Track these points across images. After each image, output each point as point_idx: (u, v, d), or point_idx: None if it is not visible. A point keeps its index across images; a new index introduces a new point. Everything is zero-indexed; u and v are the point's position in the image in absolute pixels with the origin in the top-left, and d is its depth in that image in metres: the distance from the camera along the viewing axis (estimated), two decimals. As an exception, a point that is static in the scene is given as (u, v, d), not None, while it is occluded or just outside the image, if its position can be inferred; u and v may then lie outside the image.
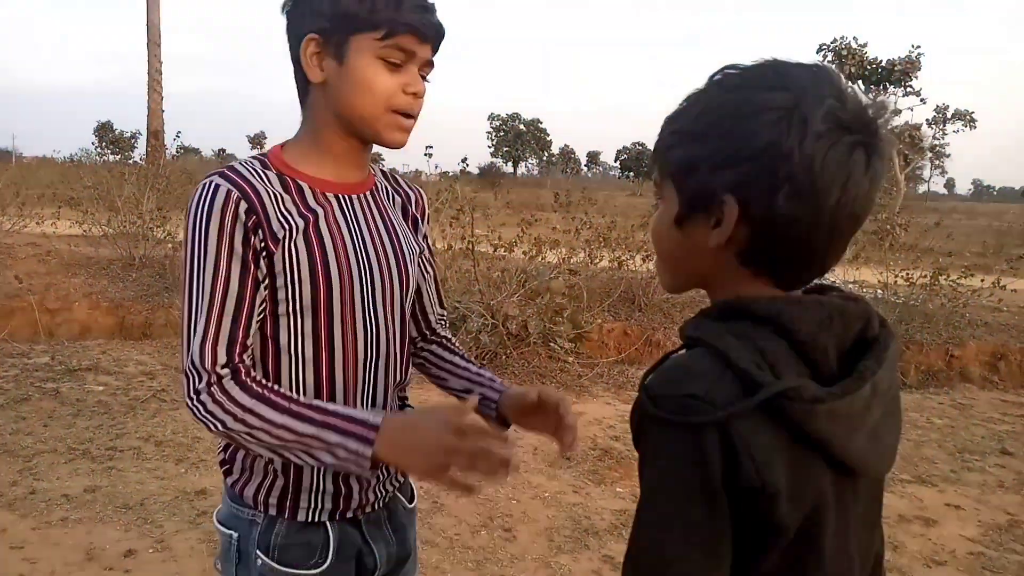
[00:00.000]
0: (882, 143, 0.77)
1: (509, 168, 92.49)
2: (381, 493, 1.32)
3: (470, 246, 6.69)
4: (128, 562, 3.03)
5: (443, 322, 1.51)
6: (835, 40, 32.79)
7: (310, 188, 1.20)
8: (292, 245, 1.15)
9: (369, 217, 1.27)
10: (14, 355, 5.79)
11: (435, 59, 1.21)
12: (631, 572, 0.78)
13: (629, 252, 7.98)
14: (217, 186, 1.11)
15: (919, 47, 30.61)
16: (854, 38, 32.54)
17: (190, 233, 1.11)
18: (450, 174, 8.44)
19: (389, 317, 1.28)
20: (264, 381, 1.13)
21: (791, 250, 0.79)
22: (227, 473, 1.28)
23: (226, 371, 1.10)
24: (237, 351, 1.11)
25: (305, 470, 1.22)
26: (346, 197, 1.25)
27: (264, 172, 1.18)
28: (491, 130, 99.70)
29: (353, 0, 1.12)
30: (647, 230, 9.05)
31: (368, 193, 1.29)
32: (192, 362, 1.09)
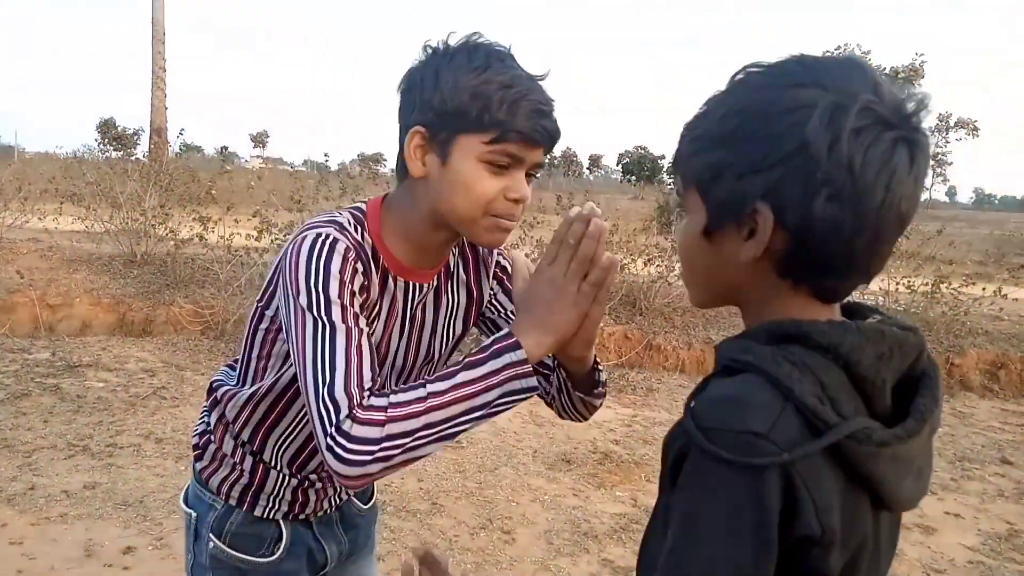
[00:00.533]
0: (924, 138, 0.72)
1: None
2: (335, 502, 1.39)
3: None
4: (127, 559, 3.03)
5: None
6: (839, 47, 32.86)
7: (392, 273, 1.18)
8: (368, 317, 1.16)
9: (426, 308, 1.25)
10: (15, 350, 5.79)
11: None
12: None
13: (631, 256, 7.98)
14: (336, 240, 1.07)
15: (922, 54, 30.68)
16: (857, 45, 32.62)
17: (309, 285, 1.03)
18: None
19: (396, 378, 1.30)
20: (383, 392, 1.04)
21: (833, 258, 0.73)
22: (197, 458, 1.35)
23: (361, 397, 1.00)
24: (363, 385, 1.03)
25: (270, 477, 1.29)
26: (415, 285, 1.21)
27: (363, 235, 1.14)
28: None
29: (466, 99, 1.04)
30: (649, 234, 9.07)
31: (436, 278, 1.25)
32: (327, 407, 0.98)
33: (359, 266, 1.08)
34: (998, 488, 4.61)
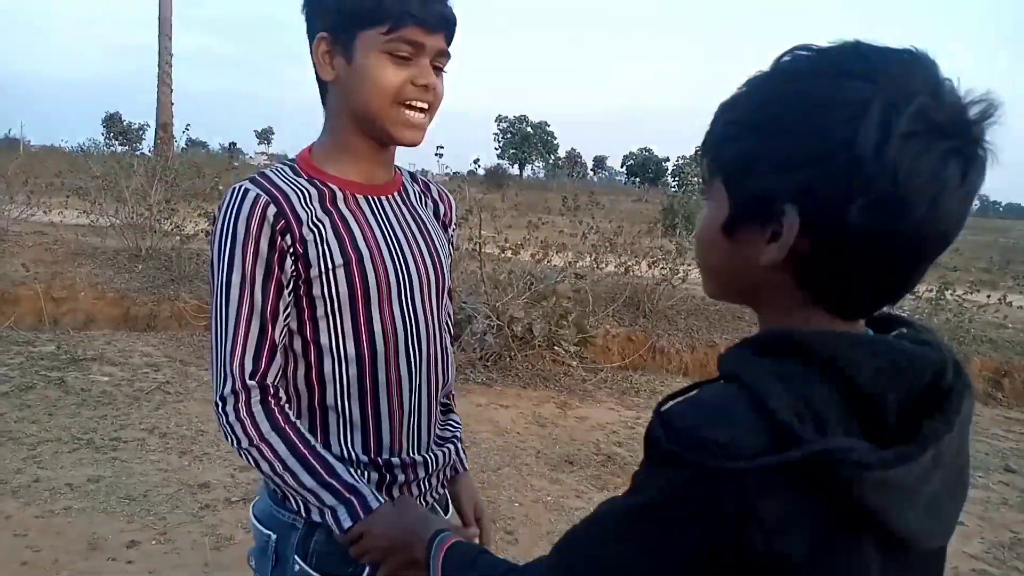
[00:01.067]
0: (982, 152, 0.65)
1: (515, 170, 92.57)
2: (422, 504, 1.31)
3: (477, 247, 6.69)
4: (131, 553, 3.03)
5: (450, 317, 1.49)
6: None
7: (340, 191, 1.21)
8: (325, 240, 1.16)
9: (400, 217, 1.27)
10: (20, 343, 5.80)
11: (451, 50, 1.20)
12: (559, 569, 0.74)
13: (635, 258, 7.97)
14: (246, 191, 1.12)
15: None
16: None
17: (218, 238, 1.12)
18: (458, 175, 8.43)
19: (428, 313, 1.27)
20: (287, 409, 1.15)
21: (861, 275, 0.67)
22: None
23: (255, 387, 1.12)
24: (264, 360, 1.13)
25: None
26: (375, 199, 1.25)
27: (295, 178, 1.19)
28: (498, 132, 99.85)
29: None
30: (653, 236, 9.06)
31: (396, 194, 1.29)
32: (221, 368, 1.12)
33: (271, 209, 1.11)
34: (1002, 496, 4.60)
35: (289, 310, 1.17)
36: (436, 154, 7.72)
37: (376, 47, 1.12)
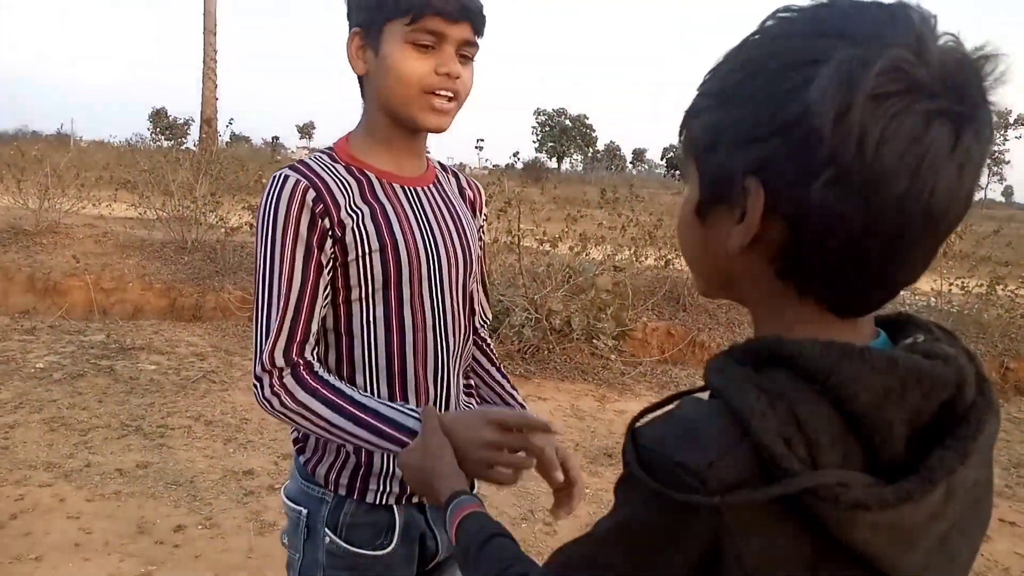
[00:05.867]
0: (980, 113, 0.55)
1: (553, 164, 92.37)
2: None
3: (516, 240, 6.69)
4: (177, 537, 3.11)
5: (485, 323, 1.52)
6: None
7: (377, 179, 1.25)
8: (362, 227, 1.19)
9: (435, 206, 1.30)
10: (71, 332, 5.97)
11: (480, 41, 1.22)
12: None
13: (675, 251, 7.90)
14: (286, 177, 1.17)
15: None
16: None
17: (260, 223, 1.17)
18: (497, 168, 8.43)
19: (456, 302, 1.30)
20: (320, 373, 1.18)
21: (838, 261, 0.58)
22: (300, 451, 1.31)
23: (288, 364, 1.16)
24: (299, 339, 1.16)
25: (376, 454, 1.24)
26: (411, 189, 1.28)
27: (333, 165, 1.22)
28: (536, 125, 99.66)
29: None
30: (694, 229, 8.94)
31: (431, 185, 1.33)
32: (258, 347, 1.16)
33: (311, 193, 1.15)
34: (1055, 497, 4.47)
35: (328, 291, 1.20)
36: (476, 147, 7.76)
37: (400, 38, 1.15)
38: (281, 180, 1.16)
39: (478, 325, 1.50)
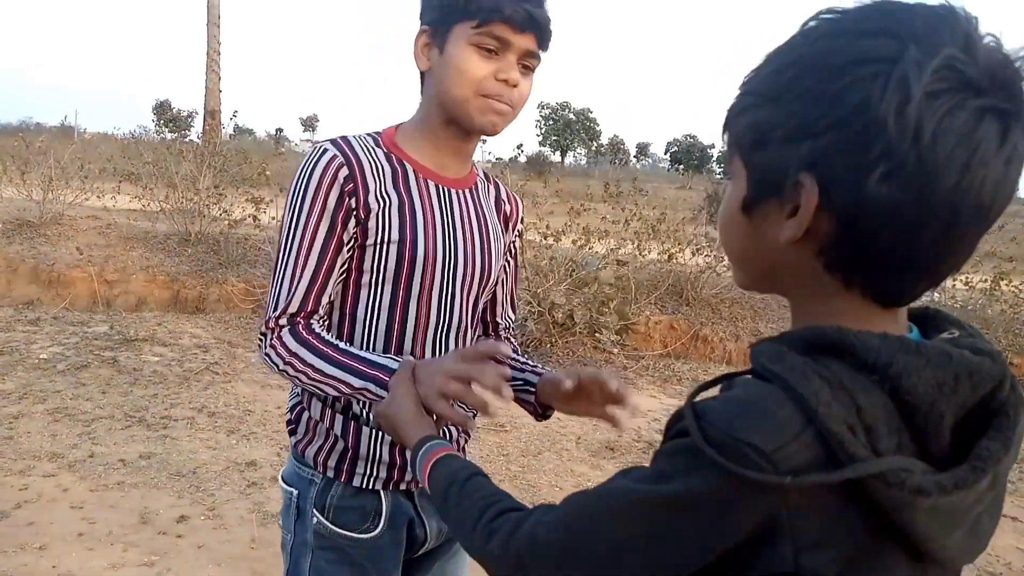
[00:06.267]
0: None
1: (557, 157, 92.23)
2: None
3: (519, 233, 6.67)
4: (181, 527, 3.12)
5: (510, 327, 1.52)
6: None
7: (414, 172, 1.26)
8: (387, 214, 1.21)
9: (465, 211, 1.31)
10: (75, 323, 5.99)
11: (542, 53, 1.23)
12: (557, 535, 0.68)
13: (679, 245, 7.89)
14: (324, 150, 1.20)
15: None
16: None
17: (291, 190, 1.20)
18: (500, 161, 8.43)
19: (464, 305, 1.31)
20: (316, 328, 1.20)
21: (889, 252, 0.60)
22: (292, 433, 1.34)
23: (287, 323, 1.19)
24: (310, 306, 1.20)
25: (363, 438, 1.26)
26: (444, 189, 1.29)
27: (374, 148, 1.25)
28: (540, 119, 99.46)
29: None
30: (697, 224, 8.96)
31: (468, 190, 1.33)
32: (270, 305, 1.21)
33: (344, 171, 1.18)
34: (1058, 492, 4.46)
35: (344, 268, 1.22)
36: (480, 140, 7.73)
37: (465, 39, 1.17)
38: (319, 152, 1.19)
39: (500, 323, 1.50)
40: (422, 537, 1.36)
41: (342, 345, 1.18)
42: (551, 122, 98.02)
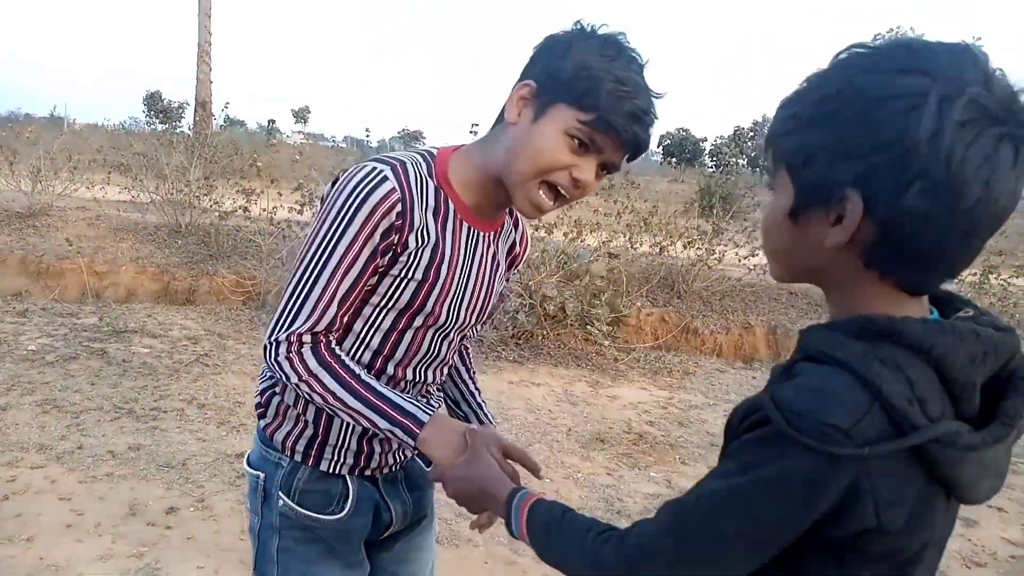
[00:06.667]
0: None
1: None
2: (400, 458, 1.38)
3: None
4: (170, 519, 3.11)
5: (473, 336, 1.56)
6: (891, 30, 31.99)
7: (455, 212, 1.24)
8: (420, 254, 1.20)
9: (484, 257, 1.31)
10: (64, 315, 5.95)
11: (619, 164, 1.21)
12: (672, 522, 0.78)
13: (670, 238, 7.90)
14: (385, 178, 1.14)
15: (979, 38, 29.72)
16: (911, 28, 31.75)
17: (340, 205, 1.14)
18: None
19: (454, 343, 1.35)
20: (336, 350, 1.20)
21: (921, 253, 0.72)
22: (261, 416, 1.35)
23: (310, 339, 1.17)
24: (336, 325, 1.19)
25: (334, 426, 1.29)
26: (475, 232, 1.28)
27: (426, 178, 1.21)
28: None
29: (583, 75, 1.10)
30: (689, 217, 8.96)
31: (493, 234, 1.33)
32: (289, 315, 1.16)
33: (397, 208, 1.14)
34: (1043, 483, 4.50)
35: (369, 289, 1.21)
36: (470, 132, 7.70)
37: (564, 124, 1.12)
38: (378, 179, 1.14)
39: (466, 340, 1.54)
40: (387, 520, 1.40)
41: (364, 376, 1.18)
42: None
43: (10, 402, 4.13)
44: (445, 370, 1.39)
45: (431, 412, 1.18)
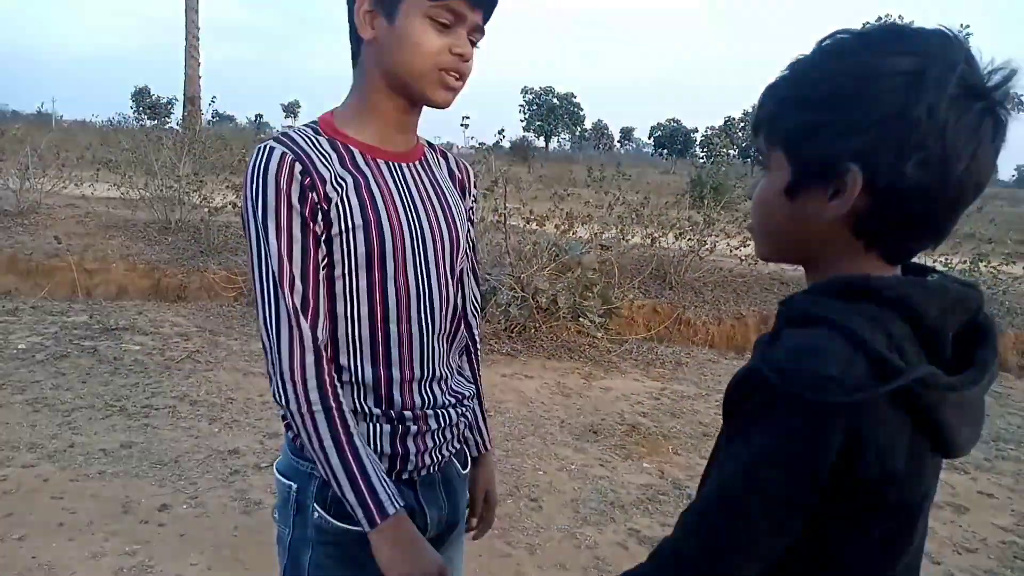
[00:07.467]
0: (1006, 110, 0.75)
1: (540, 143, 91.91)
2: (437, 458, 1.32)
3: (502, 219, 6.67)
4: (162, 516, 3.10)
5: (476, 307, 1.50)
6: (880, 18, 32.00)
7: (360, 152, 1.22)
8: (346, 199, 1.17)
9: (419, 183, 1.29)
10: (54, 313, 5.92)
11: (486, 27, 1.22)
12: (695, 522, 0.79)
13: (662, 229, 7.91)
14: (272, 148, 1.14)
15: (968, 26, 29.77)
16: (899, 16, 31.77)
17: (251, 196, 1.14)
18: (483, 146, 8.39)
19: (441, 275, 1.28)
20: (337, 383, 1.18)
21: (911, 220, 0.77)
22: (288, 427, 1.27)
23: (321, 399, 1.15)
24: (311, 313, 1.15)
25: (363, 431, 1.23)
26: (395, 164, 1.26)
27: (316, 138, 1.21)
28: (524, 104, 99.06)
29: None
30: (680, 208, 8.97)
31: (417, 163, 1.31)
32: (277, 345, 1.14)
33: (298, 166, 1.14)
34: (1033, 469, 4.53)
35: (325, 264, 1.18)
36: (462, 124, 7.69)
37: (420, 11, 1.14)
38: (267, 152, 1.13)
39: (470, 316, 1.47)
40: (422, 527, 1.30)
41: (356, 438, 1.15)
42: (535, 107, 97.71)
43: (1, 401, 4.11)
44: (453, 327, 1.34)
45: (398, 507, 1.15)
